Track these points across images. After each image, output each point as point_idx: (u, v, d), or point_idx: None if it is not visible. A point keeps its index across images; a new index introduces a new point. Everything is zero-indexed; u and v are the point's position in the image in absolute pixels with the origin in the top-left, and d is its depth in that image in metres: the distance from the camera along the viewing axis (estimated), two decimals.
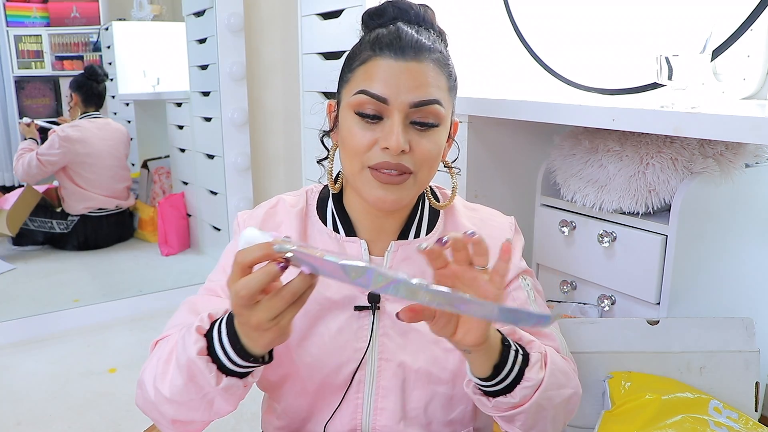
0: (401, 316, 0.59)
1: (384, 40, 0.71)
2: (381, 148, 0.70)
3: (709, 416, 0.88)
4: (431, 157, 0.73)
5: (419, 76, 0.70)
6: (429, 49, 0.71)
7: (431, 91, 0.70)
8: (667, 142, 1.05)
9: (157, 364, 0.69)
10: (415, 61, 0.70)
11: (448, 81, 0.74)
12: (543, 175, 1.24)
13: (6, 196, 2.62)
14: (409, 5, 0.76)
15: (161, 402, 0.67)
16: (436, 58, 0.72)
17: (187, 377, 0.64)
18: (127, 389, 1.74)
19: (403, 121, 0.70)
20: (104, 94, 2.76)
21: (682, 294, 1.03)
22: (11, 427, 1.57)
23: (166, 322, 0.77)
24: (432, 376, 0.77)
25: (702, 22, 1.14)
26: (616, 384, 0.94)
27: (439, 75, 0.72)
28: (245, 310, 0.56)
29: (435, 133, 0.72)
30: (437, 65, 0.72)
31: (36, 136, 2.58)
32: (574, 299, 1.19)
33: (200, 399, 0.65)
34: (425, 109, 0.70)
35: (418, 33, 0.72)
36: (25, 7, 2.55)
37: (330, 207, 0.81)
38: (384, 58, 0.70)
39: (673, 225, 0.99)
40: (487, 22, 1.60)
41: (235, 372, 0.64)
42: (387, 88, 0.69)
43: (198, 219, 2.76)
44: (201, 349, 0.63)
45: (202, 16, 2.42)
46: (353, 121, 0.72)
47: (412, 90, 0.69)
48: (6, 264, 2.56)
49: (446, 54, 0.75)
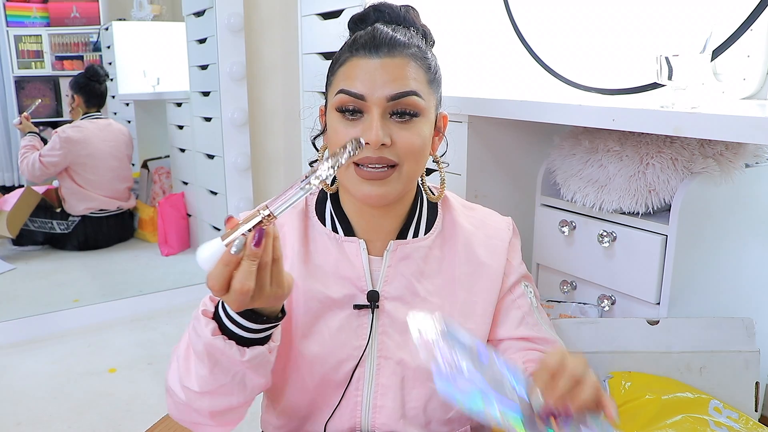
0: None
1: (360, 40, 0.74)
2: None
3: (709, 416, 0.89)
4: (415, 149, 0.73)
5: (394, 70, 0.72)
6: (403, 44, 0.73)
7: (407, 83, 0.72)
8: (667, 142, 1.05)
9: (179, 364, 0.69)
10: (388, 56, 0.72)
11: (427, 73, 0.75)
12: (543, 175, 1.24)
13: (6, 197, 2.62)
14: (389, 6, 0.79)
15: (193, 399, 0.67)
16: (411, 52, 0.74)
17: (210, 364, 0.65)
18: (127, 389, 1.74)
19: (381, 115, 0.71)
20: (105, 94, 2.75)
21: (682, 294, 1.03)
22: (11, 427, 1.57)
23: (166, 321, 0.77)
24: (431, 374, 0.77)
25: (702, 22, 1.14)
26: (616, 384, 0.94)
27: (416, 68, 0.73)
28: (225, 295, 0.58)
29: (416, 124, 0.73)
30: (413, 59, 0.74)
31: (34, 129, 2.58)
32: (574, 299, 1.19)
33: (231, 380, 0.66)
34: (403, 101, 0.72)
35: (393, 31, 0.75)
36: (25, 7, 2.55)
37: (328, 207, 0.81)
38: (360, 58, 0.72)
39: (673, 225, 0.99)
40: (487, 22, 1.60)
41: (255, 340, 0.64)
42: (363, 85, 0.71)
43: (198, 219, 2.76)
44: (214, 329, 0.64)
45: (202, 16, 2.42)
46: (336, 120, 0.74)
47: (388, 84, 0.71)
48: (6, 264, 2.56)
49: (423, 48, 0.77)
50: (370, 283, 0.78)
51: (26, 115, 2.57)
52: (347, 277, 0.78)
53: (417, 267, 0.79)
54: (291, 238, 0.79)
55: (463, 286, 0.80)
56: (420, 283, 0.79)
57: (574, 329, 1.00)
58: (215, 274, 0.57)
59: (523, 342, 0.81)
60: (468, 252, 0.81)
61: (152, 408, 1.63)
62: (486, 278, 0.81)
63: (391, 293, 0.78)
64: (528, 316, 0.82)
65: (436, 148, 0.82)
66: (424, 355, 0.58)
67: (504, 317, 0.82)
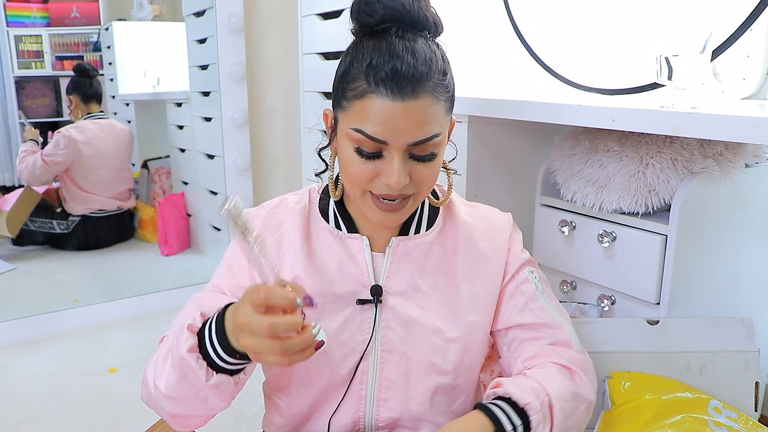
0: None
1: (380, 73, 0.66)
2: (383, 183, 0.70)
3: (709, 416, 0.89)
4: (431, 180, 0.74)
5: (417, 115, 0.67)
6: (427, 76, 0.67)
7: (431, 128, 0.69)
8: (667, 142, 1.06)
9: (157, 362, 0.71)
10: (412, 98, 0.66)
11: (446, 103, 0.71)
12: (543, 175, 1.24)
13: (6, 197, 2.62)
14: (401, 4, 0.70)
15: (160, 397, 0.69)
16: (433, 85, 0.68)
17: (180, 374, 0.66)
18: (128, 389, 1.74)
19: (402, 157, 0.69)
20: (101, 90, 2.74)
21: (681, 294, 1.03)
22: (12, 426, 1.57)
23: (166, 321, 0.78)
24: (434, 366, 0.78)
25: (702, 22, 1.14)
26: (615, 384, 0.94)
27: (437, 105, 0.69)
28: (251, 338, 0.59)
29: (435, 160, 0.73)
30: (435, 93, 0.68)
31: (37, 137, 2.58)
32: (574, 299, 1.19)
33: (194, 395, 0.67)
34: (425, 144, 0.69)
35: (413, 55, 0.67)
36: (25, 7, 2.55)
37: (332, 205, 0.82)
38: (380, 97, 0.66)
39: (673, 225, 0.99)
40: (487, 23, 1.60)
41: (225, 369, 0.65)
42: (385, 130, 0.67)
43: (198, 219, 2.76)
44: (192, 346, 0.65)
45: (202, 17, 2.42)
46: (352, 154, 0.71)
47: (412, 131, 0.68)
48: (6, 264, 2.56)
49: (443, 66, 0.71)
50: (373, 278, 0.78)
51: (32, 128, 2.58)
52: (351, 273, 0.78)
53: (419, 263, 0.79)
54: (293, 234, 0.79)
55: (465, 278, 0.80)
56: (422, 278, 0.79)
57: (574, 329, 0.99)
58: (278, 326, 0.58)
59: (528, 331, 0.81)
60: (469, 244, 0.81)
61: None
62: (488, 270, 0.81)
63: (393, 288, 0.78)
64: (531, 302, 0.81)
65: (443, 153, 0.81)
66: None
67: (506, 304, 0.82)
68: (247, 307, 0.59)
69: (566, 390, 0.73)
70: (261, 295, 0.58)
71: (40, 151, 2.55)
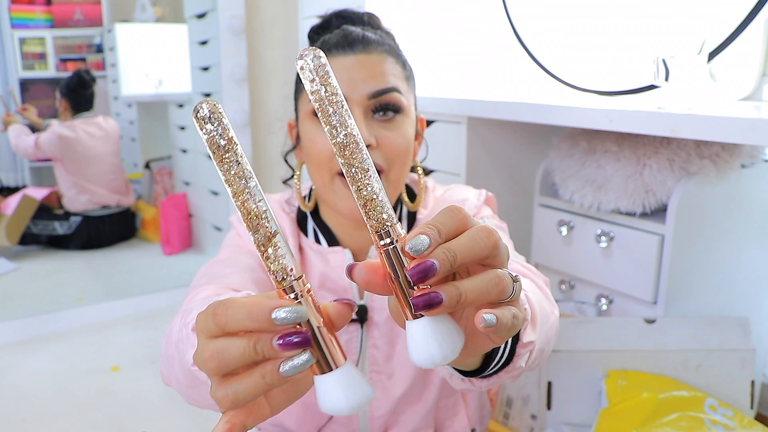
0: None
1: (331, 41, 0.71)
2: None
3: (705, 414, 0.90)
4: (401, 151, 0.71)
5: (372, 66, 0.69)
6: (377, 41, 0.71)
7: (388, 79, 0.69)
8: (664, 143, 1.06)
9: (168, 346, 0.60)
10: (364, 53, 0.69)
11: (404, 70, 0.73)
12: (541, 176, 1.25)
13: (8, 201, 2.64)
14: (352, 11, 0.76)
15: (176, 389, 0.65)
16: (386, 49, 0.71)
17: (189, 382, 0.58)
18: (130, 387, 1.75)
19: (364, 114, 0.68)
20: (93, 97, 2.79)
21: (678, 293, 1.04)
22: (16, 424, 1.58)
23: (168, 320, 0.77)
24: (424, 381, 0.79)
25: (699, 23, 1.15)
26: (612, 382, 0.95)
27: (393, 64, 0.71)
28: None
29: (399, 123, 0.70)
30: (389, 54, 0.71)
31: (18, 121, 2.64)
32: (572, 298, 1.20)
33: (210, 405, 0.64)
34: (385, 97, 0.69)
35: (363, 29, 0.72)
36: (29, 9, 2.57)
37: (310, 221, 0.79)
38: (334, 57, 0.69)
39: (670, 225, 1.00)
40: (486, 24, 1.61)
41: None
42: (342, 84, 0.67)
43: (200, 219, 2.77)
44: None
45: (204, 18, 2.43)
46: (313, 128, 0.70)
47: (368, 80, 0.68)
48: (10, 263, 2.57)
49: (396, 46, 0.74)
50: (358, 295, 0.76)
51: (20, 107, 2.62)
52: (334, 290, 0.76)
53: None
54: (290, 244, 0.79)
55: None
56: None
57: (572, 328, 1.01)
58: (227, 357, 0.35)
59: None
60: None
61: (155, 406, 1.64)
62: None
63: (377, 301, 0.76)
64: None
65: (416, 153, 0.79)
66: None
67: None
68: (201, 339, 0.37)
69: (539, 295, 0.67)
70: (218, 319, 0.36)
71: (34, 137, 2.61)
